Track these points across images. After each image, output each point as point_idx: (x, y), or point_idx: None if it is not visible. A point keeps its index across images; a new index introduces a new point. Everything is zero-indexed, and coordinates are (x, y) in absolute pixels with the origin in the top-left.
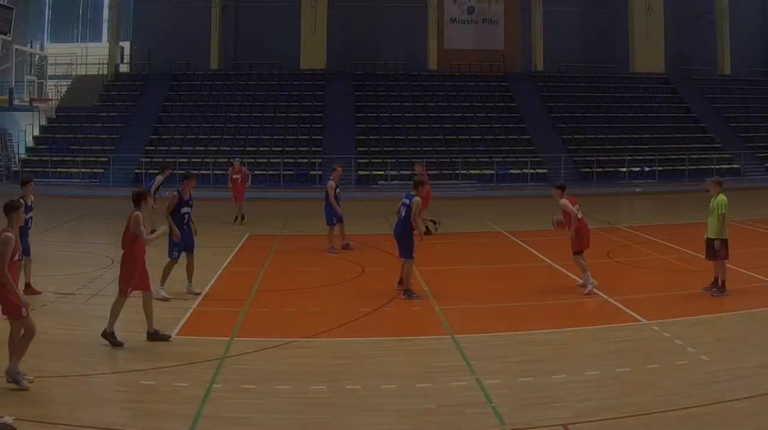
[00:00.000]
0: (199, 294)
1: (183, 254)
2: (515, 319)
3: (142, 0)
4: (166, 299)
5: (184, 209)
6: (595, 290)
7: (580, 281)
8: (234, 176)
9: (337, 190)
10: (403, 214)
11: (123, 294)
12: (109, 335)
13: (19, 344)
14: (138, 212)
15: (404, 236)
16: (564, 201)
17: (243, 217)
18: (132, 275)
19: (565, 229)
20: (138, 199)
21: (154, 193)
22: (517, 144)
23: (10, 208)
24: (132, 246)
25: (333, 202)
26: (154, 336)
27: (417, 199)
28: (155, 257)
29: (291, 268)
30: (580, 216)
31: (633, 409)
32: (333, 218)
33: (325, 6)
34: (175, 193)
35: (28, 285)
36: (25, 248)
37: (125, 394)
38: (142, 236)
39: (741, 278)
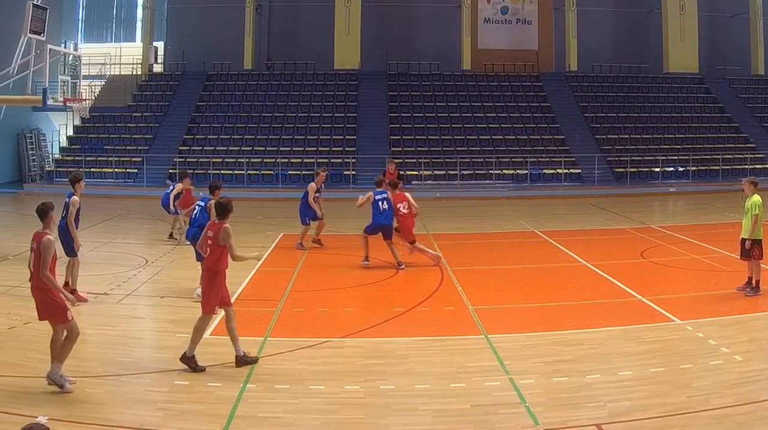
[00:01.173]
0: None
1: None
2: (549, 319)
3: (175, 0)
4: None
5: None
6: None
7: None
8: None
9: (318, 193)
10: (387, 206)
11: (209, 313)
12: (189, 360)
13: (61, 348)
14: (228, 225)
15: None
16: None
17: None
18: (218, 292)
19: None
20: (225, 212)
21: (174, 201)
22: (551, 144)
23: (44, 211)
24: (220, 261)
25: (312, 202)
26: (243, 360)
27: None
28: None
29: (325, 268)
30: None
31: (667, 409)
32: (307, 218)
33: (359, 6)
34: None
35: (73, 291)
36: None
37: (159, 394)
38: (233, 251)
39: None
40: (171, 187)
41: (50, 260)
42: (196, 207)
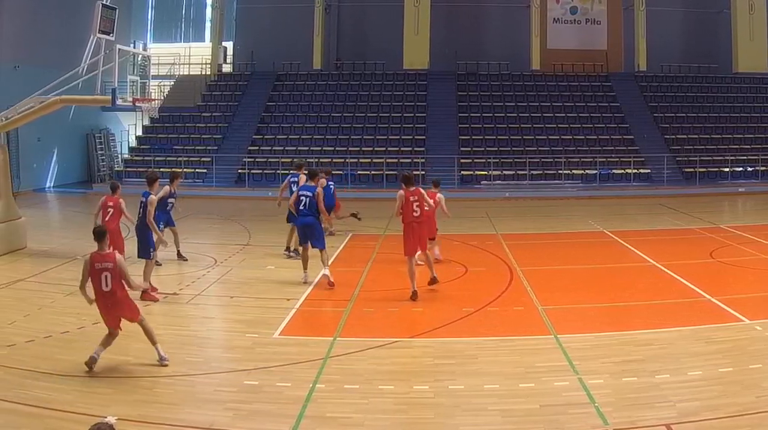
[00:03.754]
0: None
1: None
2: (618, 319)
3: (244, 0)
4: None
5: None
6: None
7: None
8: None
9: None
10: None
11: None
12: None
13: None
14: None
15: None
16: None
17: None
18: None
19: None
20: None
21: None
22: (620, 144)
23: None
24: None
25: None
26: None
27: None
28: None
29: (394, 268)
30: None
31: (736, 409)
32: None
33: (428, 5)
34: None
35: (145, 291)
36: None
37: (228, 394)
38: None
39: None
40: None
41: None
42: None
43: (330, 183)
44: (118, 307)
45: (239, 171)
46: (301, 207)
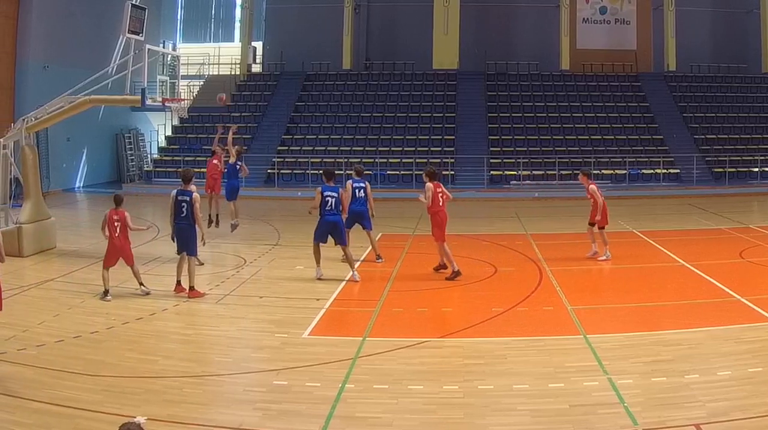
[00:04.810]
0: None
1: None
2: (647, 319)
3: (274, 0)
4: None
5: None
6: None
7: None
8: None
9: None
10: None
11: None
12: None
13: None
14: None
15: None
16: None
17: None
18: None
19: None
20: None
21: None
22: (649, 144)
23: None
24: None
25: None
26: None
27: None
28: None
29: (423, 268)
30: None
31: (766, 409)
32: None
33: (458, 6)
34: None
35: (191, 288)
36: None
37: (257, 394)
38: None
39: None
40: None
41: None
42: None
43: (360, 184)
44: None
45: (268, 171)
46: (327, 208)
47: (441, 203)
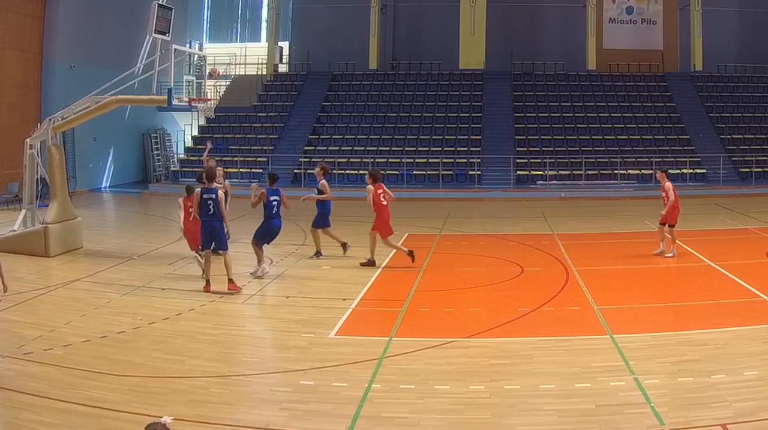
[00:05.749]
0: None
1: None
2: (674, 319)
3: (300, 0)
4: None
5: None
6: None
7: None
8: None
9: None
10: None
11: None
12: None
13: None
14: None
15: None
16: None
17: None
18: None
19: None
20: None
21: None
22: (676, 144)
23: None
24: None
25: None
26: None
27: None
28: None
29: (450, 268)
30: None
31: None
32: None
33: (484, 5)
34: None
35: (230, 280)
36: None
37: (284, 394)
38: None
39: None
40: None
41: None
42: None
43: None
44: None
45: (295, 171)
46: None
47: (384, 203)
